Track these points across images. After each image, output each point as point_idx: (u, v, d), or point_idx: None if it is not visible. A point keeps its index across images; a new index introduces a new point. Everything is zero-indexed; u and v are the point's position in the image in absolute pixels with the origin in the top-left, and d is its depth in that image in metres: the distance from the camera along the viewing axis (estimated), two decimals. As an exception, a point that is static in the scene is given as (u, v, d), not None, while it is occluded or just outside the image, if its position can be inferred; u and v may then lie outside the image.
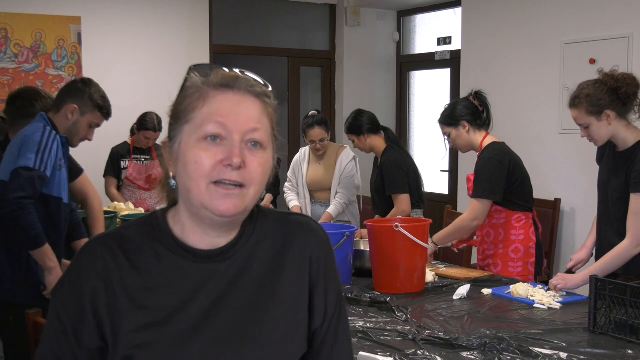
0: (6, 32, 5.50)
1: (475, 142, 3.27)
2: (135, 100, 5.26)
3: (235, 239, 1.20)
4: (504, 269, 3.17)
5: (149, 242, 1.18)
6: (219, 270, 1.18)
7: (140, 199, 4.88)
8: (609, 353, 2.07)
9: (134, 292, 1.14)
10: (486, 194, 3.12)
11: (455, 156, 6.23)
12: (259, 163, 1.13)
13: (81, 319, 1.13)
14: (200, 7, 6.25)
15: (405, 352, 2.07)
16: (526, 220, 3.18)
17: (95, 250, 1.17)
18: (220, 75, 1.16)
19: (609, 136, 2.74)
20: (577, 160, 4.72)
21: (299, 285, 1.23)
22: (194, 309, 1.15)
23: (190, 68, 1.19)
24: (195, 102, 1.14)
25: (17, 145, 2.72)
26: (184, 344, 1.13)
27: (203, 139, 1.11)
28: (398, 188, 3.93)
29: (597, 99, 2.67)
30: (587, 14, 4.84)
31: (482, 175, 3.15)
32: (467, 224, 3.17)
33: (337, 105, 7.03)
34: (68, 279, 1.17)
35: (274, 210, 1.30)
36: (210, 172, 1.10)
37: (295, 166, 4.64)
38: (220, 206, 1.11)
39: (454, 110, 3.31)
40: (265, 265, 1.21)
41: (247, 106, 1.14)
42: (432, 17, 6.80)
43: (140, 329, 1.13)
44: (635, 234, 2.64)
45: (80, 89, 2.89)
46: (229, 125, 1.11)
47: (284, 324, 1.20)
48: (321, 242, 1.27)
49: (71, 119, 2.86)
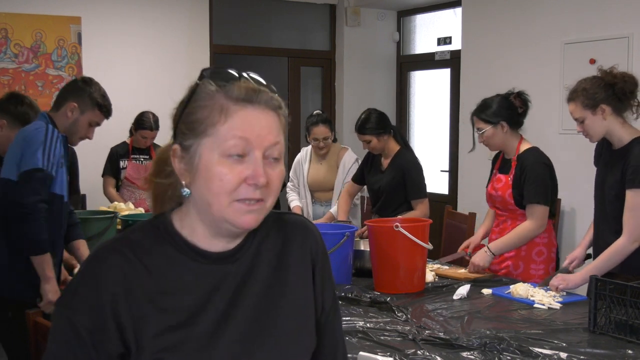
0: (6, 32, 5.50)
1: (510, 145, 3.17)
2: (135, 100, 5.25)
3: (242, 241, 1.22)
4: (525, 271, 3.11)
5: (158, 246, 1.17)
6: (230, 272, 1.19)
7: (139, 199, 4.88)
8: (609, 353, 2.07)
9: (153, 295, 1.14)
10: (546, 200, 3.05)
11: (455, 156, 6.23)
12: (277, 177, 1.15)
13: (101, 326, 1.11)
14: (200, 7, 6.25)
15: (405, 352, 2.07)
16: (549, 225, 3.15)
17: (108, 256, 1.15)
18: (241, 88, 1.14)
19: (604, 132, 2.74)
20: (577, 161, 4.72)
21: (304, 281, 1.27)
22: (212, 310, 1.16)
23: (202, 74, 1.17)
24: (216, 117, 1.12)
25: (19, 144, 2.72)
26: (210, 345, 1.15)
27: (227, 155, 1.11)
28: (422, 193, 3.87)
29: (593, 92, 2.70)
30: (587, 14, 4.85)
31: (538, 180, 3.05)
32: (534, 232, 3.07)
33: (337, 106, 7.03)
34: (82, 287, 1.14)
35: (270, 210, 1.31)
36: (234, 190, 1.11)
37: (296, 166, 4.64)
38: (243, 222, 1.13)
39: (494, 108, 3.15)
40: (271, 264, 1.24)
41: (267, 121, 1.14)
42: (432, 17, 6.80)
43: (164, 332, 1.13)
44: (632, 230, 2.64)
45: (80, 88, 2.90)
46: (252, 141, 1.12)
47: (296, 319, 1.24)
48: (317, 240, 1.31)
49: (71, 117, 2.86)
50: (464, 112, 5.67)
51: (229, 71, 1.16)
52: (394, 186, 3.91)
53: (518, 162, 3.13)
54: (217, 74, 1.16)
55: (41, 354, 1.88)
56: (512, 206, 3.13)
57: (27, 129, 2.78)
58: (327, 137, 4.39)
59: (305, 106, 7.01)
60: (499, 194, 3.17)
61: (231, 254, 1.20)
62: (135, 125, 4.85)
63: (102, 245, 1.19)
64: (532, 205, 3.06)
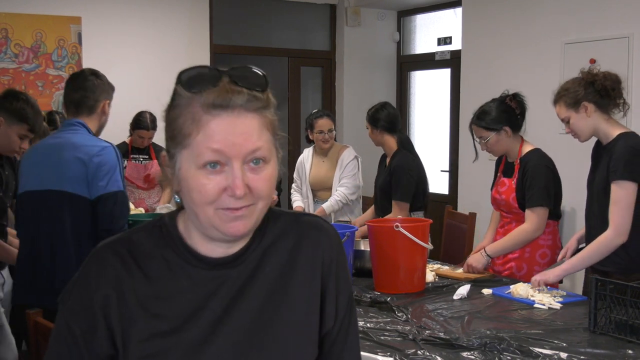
0: (6, 32, 5.50)
1: (514, 148, 3.16)
2: (135, 100, 5.25)
3: (247, 245, 1.17)
4: (529, 273, 3.08)
5: (159, 249, 1.15)
6: (231, 276, 1.15)
7: (139, 199, 4.89)
8: (609, 353, 2.07)
9: (145, 300, 1.12)
10: (546, 202, 3.04)
11: (456, 156, 6.23)
12: (263, 180, 1.09)
13: (92, 327, 1.11)
14: (200, 7, 6.25)
15: (405, 352, 2.07)
16: (554, 227, 3.15)
17: (104, 257, 1.14)
18: (212, 94, 1.06)
19: (591, 130, 2.78)
20: (577, 161, 4.70)
21: (311, 287, 1.21)
22: (206, 316, 1.13)
23: (178, 76, 1.09)
24: (189, 127, 1.06)
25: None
26: (197, 353, 1.12)
27: (202, 167, 1.06)
28: (402, 195, 3.89)
29: (574, 91, 2.76)
30: (587, 14, 4.84)
31: (538, 183, 3.04)
32: (531, 235, 3.07)
33: (338, 106, 7.03)
34: (77, 287, 1.14)
35: (284, 211, 1.26)
36: (215, 200, 1.07)
37: (299, 167, 4.67)
38: (230, 229, 1.09)
39: (493, 114, 3.13)
40: (277, 268, 1.18)
41: (244, 127, 1.06)
42: (432, 17, 6.80)
43: (150, 338, 1.11)
44: (617, 224, 2.64)
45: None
46: (228, 152, 1.05)
47: (296, 328, 1.18)
48: (332, 242, 1.24)
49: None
50: (464, 112, 5.67)
51: (205, 73, 1.08)
52: (385, 188, 3.99)
53: (521, 164, 3.13)
54: (191, 78, 1.08)
55: (41, 354, 1.88)
56: (516, 209, 3.12)
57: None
58: (332, 128, 4.47)
59: (305, 106, 7.00)
60: (503, 198, 3.17)
61: (231, 259, 1.15)
62: (132, 125, 4.87)
63: (103, 243, 1.18)
64: (529, 208, 3.07)
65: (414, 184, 3.93)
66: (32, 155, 2.80)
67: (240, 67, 1.10)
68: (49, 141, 2.82)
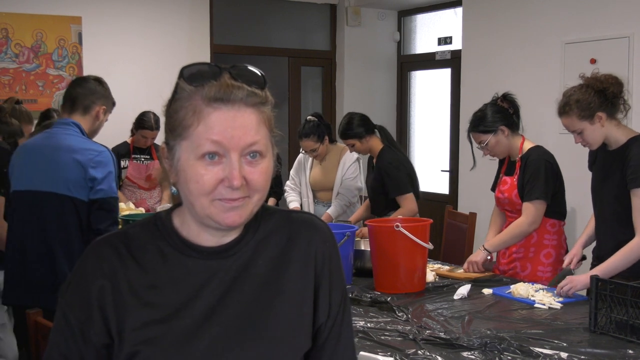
0: (7, 32, 5.50)
1: (515, 146, 3.16)
2: (135, 100, 5.25)
3: (240, 236, 1.21)
4: (532, 273, 3.10)
5: (153, 241, 1.19)
6: (223, 267, 1.19)
7: (140, 199, 4.89)
8: (610, 353, 2.07)
9: (139, 289, 1.15)
10: (543, 195, 3.02)
11: (456, 156, 6.23)
12: (260, 173, 1.13)
13: (88, 318, 1.14)
14: (201, 7, 6.25)
15: (405, 352, 2.07)
16: (559, 227, 3.14)
17: (100, 250, 1.18)
18: (214, 87, 1.11)
19: (603, 138, 2.74)
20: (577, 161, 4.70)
21: (304, 281, 1.23)
22: (200, 305, 1.16)
23: (181, 71, 1.15)
24: (190, 119, 1.11)
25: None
26: (189, 340, 1.15)
27: (201, 157, 1.10)
28: (402, 188, 3.87)
29: (587, 102, 2.68)
30: (587, 14, 4.84)
31: (537, 176, 3.04)
32: (526, 228, 3.05)
33: (338, 106, 7.03)
34: (75, 280, 1.18)
35: (277, 208, 1.30)
36: (212, 191, 1.11)
37: (298, 165, 4.64)
38: (226, 219, 1.12)
39: (487, 117, 3.14)
40: (270, 263, 1.22)
41: (243, 120, 1.11)
42: (432, 17, 6.80)
43: (144, 326, 1.14)
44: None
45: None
46: (226, 144, 1.09)
47: (288, 319, 1.21)
48: (326, 239, 1.27)
49: None
50: (465, 112, 5.67)
51: (206, 69, 1.13)
52: (375, 187, 3.98)
53: (522, 161, 3.13)
54: (193, 74, 1.13)
55: (41, 353, 1.88)
56: (519, 206, 3.11)
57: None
58: (315, 149, 4.35)
59: (305, 106, 7.01)
60: (506, 196, 3.17)
61: (225, 248, 1.19)
62: (135, 125, 4.86)
63: (100, 238, 1.22)
64: (527, 201, 3.06)
65: (408, 176, 3.92)
66: (23, 155, 2.79)
67: (240, 66, 1.15)
68: (43, 142, 2.79)
